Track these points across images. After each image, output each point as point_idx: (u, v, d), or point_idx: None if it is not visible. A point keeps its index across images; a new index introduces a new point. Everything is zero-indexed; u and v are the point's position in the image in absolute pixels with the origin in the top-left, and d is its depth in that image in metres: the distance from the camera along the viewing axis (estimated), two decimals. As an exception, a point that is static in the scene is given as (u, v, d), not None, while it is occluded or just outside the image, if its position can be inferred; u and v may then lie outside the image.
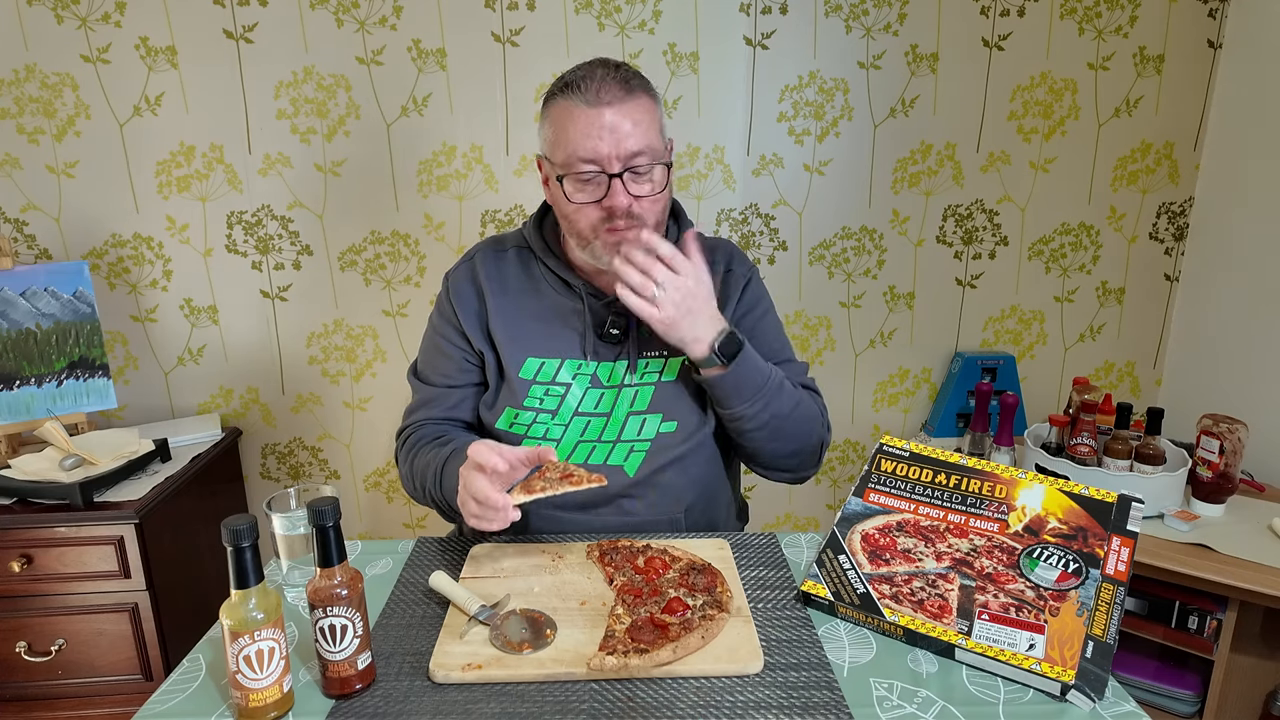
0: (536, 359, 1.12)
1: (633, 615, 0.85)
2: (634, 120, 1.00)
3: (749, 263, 1.23)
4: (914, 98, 1.89)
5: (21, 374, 1.68)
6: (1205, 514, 1.48)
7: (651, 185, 1.03)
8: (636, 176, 1.01)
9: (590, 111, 0.99)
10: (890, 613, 0.85)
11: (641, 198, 1.02)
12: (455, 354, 1.16)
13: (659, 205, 1.06)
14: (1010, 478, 0.95)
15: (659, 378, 1.12)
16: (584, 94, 0.99)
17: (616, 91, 1.00)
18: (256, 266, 1.93)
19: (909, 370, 2.08)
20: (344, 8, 1.78)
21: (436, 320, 1.19)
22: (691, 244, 1.05)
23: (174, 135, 1.83)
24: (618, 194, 1.00)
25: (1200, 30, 1.86)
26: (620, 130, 0.99)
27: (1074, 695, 0.75)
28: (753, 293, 1.20)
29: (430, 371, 1.18)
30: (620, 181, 1.00)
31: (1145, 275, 2.01)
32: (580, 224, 1.05)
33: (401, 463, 1.16)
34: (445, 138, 1.87)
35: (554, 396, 1.11)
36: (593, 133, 0.99)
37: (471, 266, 1.17)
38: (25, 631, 1.54)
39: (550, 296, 1.14)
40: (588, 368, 1.12)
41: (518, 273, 1.16)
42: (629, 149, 0.99)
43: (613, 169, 1.00)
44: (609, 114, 0.99)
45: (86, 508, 1.49)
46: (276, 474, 2.07)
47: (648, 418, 1.11)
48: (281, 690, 0.73)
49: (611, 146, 0.99)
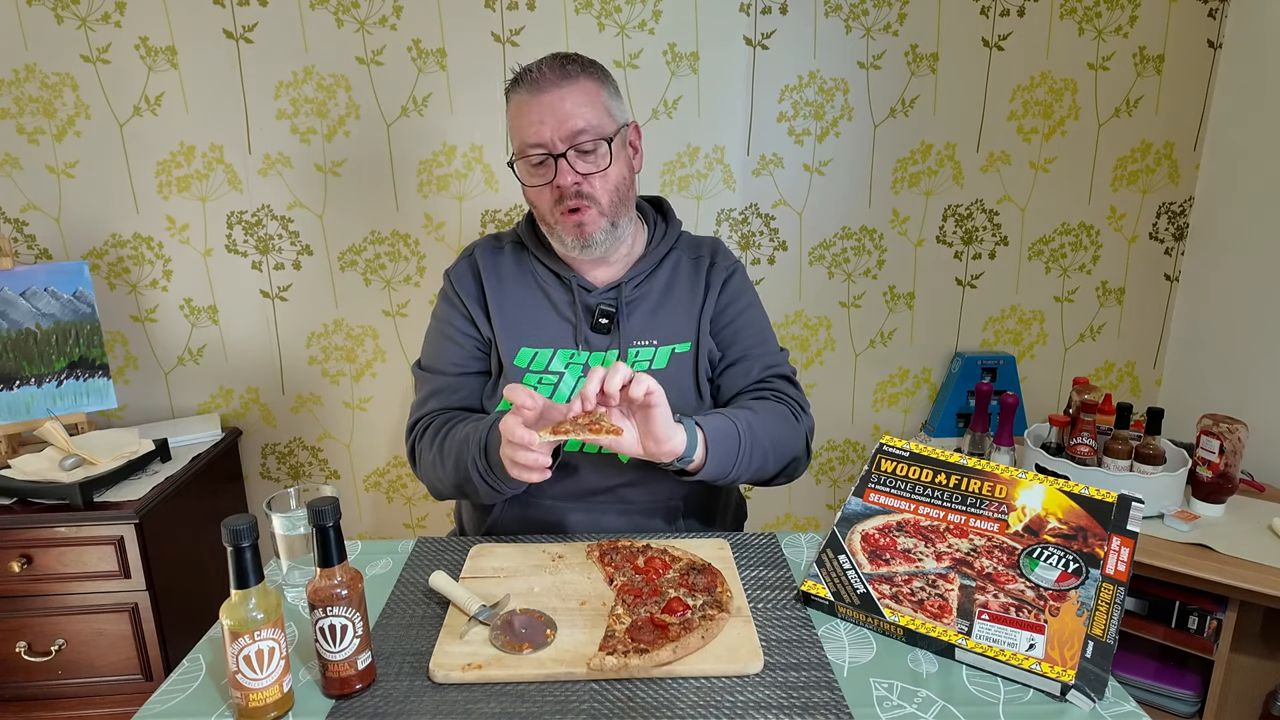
0: (530, 349, 1.14)
1: (633, 615, 0.85)
2: (574, 102, 1.05)
3: (733, 258, 1.24)
4: (914, 98, 1.89)
5: (21, 374, 1.68)
6: (1205, 514, 1.48)
7: (598, 162, 1.07)
8: (582, 155, 1.06)
9: (531, 99, 1.06)
10: (890, 613, 0.85)
11: (589, 174, 1.07)
12: (466, 341, 1.18)
13: (609, 184, 1.08)
14: (1010, 478, 0.95)
15: (649, 366, 1.13)
16: (527, 84, 1.07)
17: (554, 77, 1.06)
18: (256, 266, 1.93)
19: (909, 370, 2.08)
20: (344, 8, 1.78)
21: (443, 311, 1.21)
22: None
23: (174, 135, 1.83)
24: (563, 173, 1.05)
25: (1200, 30, 1.85)
26: (560, 112, 1.04)
27: (1074, 695, 0.75)
28: (735, 287, 1.21)
29: (439, 361, 1.19)
30: (565, 161, 1.05)
31: (1145, 275, 2.01)
32: (541, 208, 1.11)
33: (425, 450, 1.13)
34: (445, 138, 1.87)
35: (547, 385, 1.13)
36: (534, 118, 1.05)
37: (472, 260, 1.21)
38: (25, 631, 1.54)
39: (543, 288, 1.17)
40: (580, 357, 1.14)
41: (513, 266, 1.19)
42: (570, 128, 1.04)
43: (557, 149, 1.05)
44: (548, 98, 1.05)
45: (86, 508, 1.49)
46: (276, 474, 2.07)
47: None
48: (281, 690, 0.73)
49: (553, 130, 1.04)
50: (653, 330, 1.15)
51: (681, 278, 1.19)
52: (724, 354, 1.19)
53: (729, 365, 1.19)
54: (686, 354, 1.16)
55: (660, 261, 1.19)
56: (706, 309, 1.17)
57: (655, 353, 1.14)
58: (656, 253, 1.19)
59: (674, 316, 1.17)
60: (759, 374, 1.17)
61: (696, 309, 1.17)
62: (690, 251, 1.22)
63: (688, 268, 1.20)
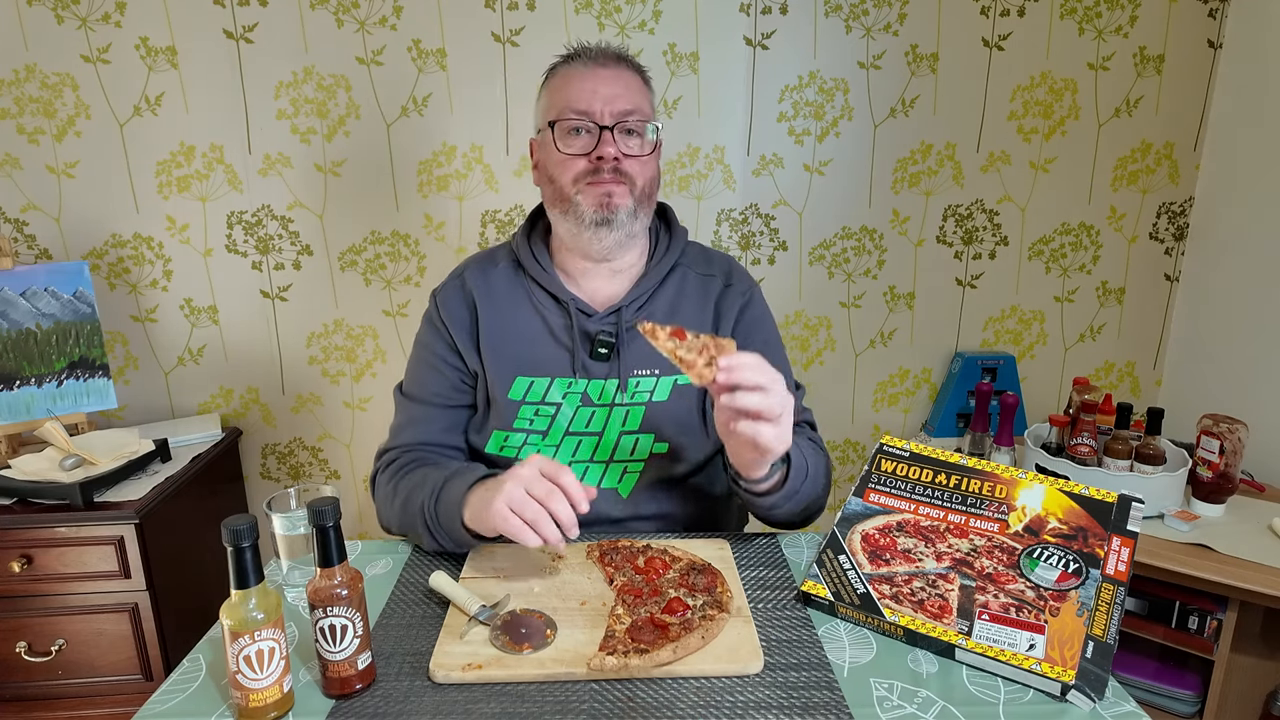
0: (526, 378, 1.09)
1: (633, 615, 0.85)
2: (626, 84, 1.05)
3: (750, 280, 1.18)
4: (914, 98, 1.89)
5: (21, 374, 1.68)
6: (1205, 514, 1.47)
7: (641, 144, 1.06)
8: (625, 136, 1.05)
9: (586, 71, 1.05)
10: (890, 613, 0.85)
11: (631, 156, 1.05)
12: (450, 372, 1.13)
13: (648, 170, 1.07)
14: (1010, 478, 0.95)
15: (650, 397, 1.09)
16: (583, 59, 1.06)
17: (613, 59, 1.06)
18: (256, 266, 1.93)
19: (909, 370, 2.08)
20: (344, 8, 1.78)
21: (426, 337, 1.15)
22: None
23: (174, 135, 1.83)
24: (607, 144, 1.03)
25: (1200, 30, 1.85)
26: (614, 89, 1.04)
27: (1074, 695, 0.75)
28: (752, 314, 1.15)
29: (420, 390, 1.14)
30: (610, 134, 1.03)
31: (1145, 275, 2.01)
32: (564, 177, 1.05)
33: (381, 484, 1.10)
34: (445, 138, 1.87)
35: (544, 417, 1.09)
36: (587, 88, 1.03)
37: (461, 281, 1.14)
38: (25, 631, 1.54)
39: (540, 312, 1.11)
40: (578, 385, 1.09)
41: (507, 287, 1.13)
42: (621, 107, 1.03)
43: (604, 121, 1.03)
44: (604, 73, 1.04)
45: (86, 508, 1.49)
46: (276, 474, 2.07)
47: (640, 438, 1.09)
48: (281, 690, 0.73)
49: (604, 103, 1.03)
50: (654, 358, 1.09)
51: (688, 298, 1.13)
52: None
53: None
54: (690, 386, 1.09)
55: (664, 277, 1.13)
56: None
57: (656, 384, 1.09)
58: (660, 268, 1.12)
59: None
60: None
61: None
62: (699, 267, 1.15)
63: (695, 287, 1.14)
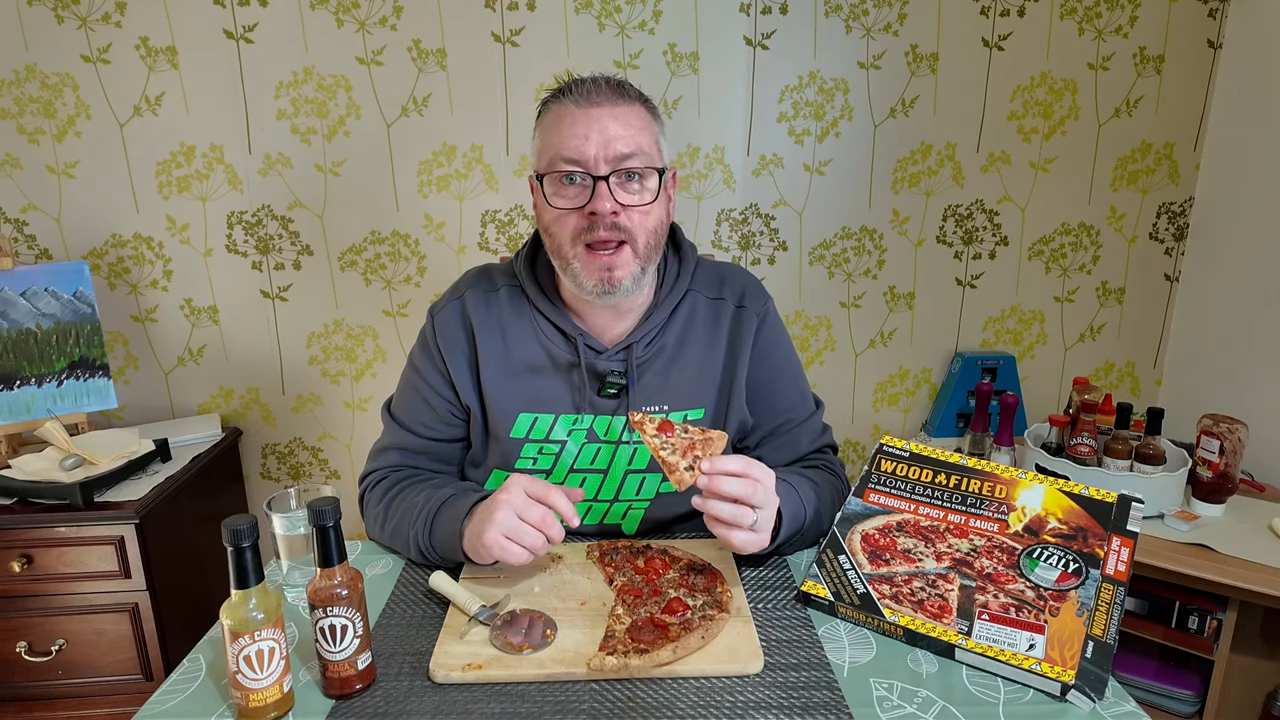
0: (529, 414, 1.04)
1: (633, 615, 0.85)
2: (625, 124, 0.93)
3: (763, 296, 1.10)
4: (914, 98, 1.89)
5: (22, 374, 1.68)
6: (1205, 514, 1.47)
7: (641, 195, 0.95)
8: (625, 183, 0.94)
9: (578, 111, 0.93)
10: (890, 613, 0.85)
11: (630, 207, 0.94)
12: (440, 405, 1.07)
13: (650, 221, 0.96)
14: (1010, 478, 0.95)
15: None
16: (575, 96, 0.95)
17: (609, 94, 0.95)
18: (256, 266, 1.93)
19: (909, 370, 2.08)
20: (344, 8, 1.78)
21: (420, 362, 1.08)
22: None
23: (174, 135, 1.83)
24: (601, 197, 0.92)
25: (1200, 30, 1.85)
26: (609, 131, 0.92)
27: (1074, 695, 0.75)
28: (767, 337, 1.09)
29: (408, 418, 1.09)
30: (606, 185, 0.92)
31: (1145, 275, 2.01)
32: (559, 237, 0.97)
33: (372, 503, 1.06)
34: (445, 138, 1.87)
35: (548, 455, 1.05)
36: (579, 131, 0.92)
37: (461, 306, 1.07)
38: (25, 631, 1.54)
39: (545, 345, 1.04)
40: (584, 422, 1.04)
41: (510, 317, 1.05)
42: (618, 151, 0.92)
43: (598, 171, 0.92)
44: (597, 113, 0.93)
45: (87, 508, 1.49)
46: (277, 474, 2.07)
47: (647, 477, 1.07)
48: (281, 690, 0.73)
49: (599, 147, 0.92)
50: (663, 394, 1.04)
51: (697, 326, 1.07)
52: (760, 420, 1.09)
53: (769, 434, 1.09)
54: (700, 422, 1.05)
55: (674, 308, 1.06)
56: (739, 372, 1.05)
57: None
58: (670, 300, 1.05)
59: (686, 378, 1.05)
60: (808, 447, 1.10)
61: (716, 368, 1.06)
62: (708, 290, 1.08)
63: (705, 314, 1.07)
